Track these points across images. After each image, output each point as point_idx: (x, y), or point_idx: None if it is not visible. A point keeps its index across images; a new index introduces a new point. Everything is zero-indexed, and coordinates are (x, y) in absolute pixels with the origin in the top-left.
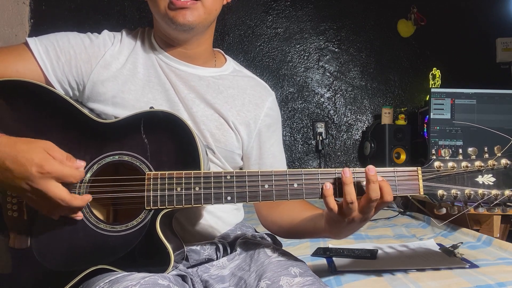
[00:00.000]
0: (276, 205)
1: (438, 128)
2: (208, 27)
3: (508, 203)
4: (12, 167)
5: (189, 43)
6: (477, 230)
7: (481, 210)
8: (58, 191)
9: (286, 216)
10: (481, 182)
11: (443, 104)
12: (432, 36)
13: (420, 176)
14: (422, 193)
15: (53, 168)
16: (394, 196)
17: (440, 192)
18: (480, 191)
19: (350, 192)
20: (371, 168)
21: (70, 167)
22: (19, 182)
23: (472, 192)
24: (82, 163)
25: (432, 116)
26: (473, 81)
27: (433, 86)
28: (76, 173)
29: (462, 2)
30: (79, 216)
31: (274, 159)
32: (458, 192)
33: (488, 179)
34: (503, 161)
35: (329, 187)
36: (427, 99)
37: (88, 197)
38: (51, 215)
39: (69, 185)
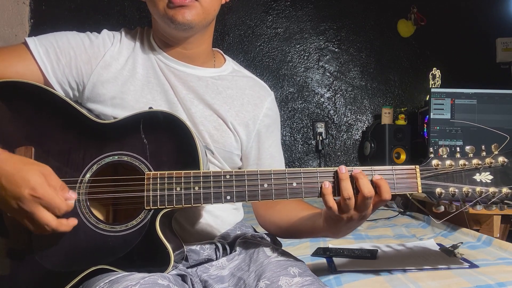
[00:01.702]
0: (274, 205)
1: (438, 128)
2: (207, 26)
3: (505, 201)
4: (7, 186)
5: (188, 43)
6: (477, 230)
7: (479, 208)
8: (45, 217)
9: (285, 215)
10: (478, 180)
11: (443, 104)
12: (432, 36)
13: (418, 174)
14: (420, 191)
15: (45, 194)
16: (392, 195)
17: (438, 190)
18: (478, 188)
19: (347, 188)
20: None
21: (61, 197)
22: (10, 201)
23: (470, 190)
24: (73, 196)
25: (432, 116)
26: (473, 81)
27: (433, 86)
28: (63, 206)
29: (462, 2)
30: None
31: (272, 159)
32: (456, 190)
33: (486, 177)
34: (500, 159)
35: (328, 186)
36: (427, 99)
37: (74, 222)
38: (39, 234)
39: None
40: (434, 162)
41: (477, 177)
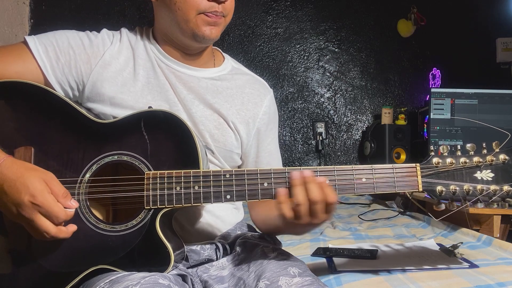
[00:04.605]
0: (256, 204)
1: (438, 128)
2: None
3: (506, 199)
4: (8, 191)
5: (192, 47)
6: (477, 230)
7: (480, 206)
8: (44, 225)
9: (261, 214)
10: (479, 178)
11: (443, 104)
12: (432, 36)
13: (418, 172)
14: (421, 189)
15: (44, 201)
16: (392, 194)
17: (439, 188)
18: (479, 186)
19: (297, 193)
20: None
21: (60, 206)
22: (10, 207)
23: (470, 188)
24: (74, 205)
25: (432, 116)
26: (473, 81)
27: (433, 86)
28: (62, 215)
29: (462, 2)
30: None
31: (271, 156)
32: (457, 188)
33: (487, 174)
34: (502, 156)
35: (282, 194)
36: (427, 99)
37: (73, 228)
38: (40, 239)
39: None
40: (435, 160)
41: (478, 175)
